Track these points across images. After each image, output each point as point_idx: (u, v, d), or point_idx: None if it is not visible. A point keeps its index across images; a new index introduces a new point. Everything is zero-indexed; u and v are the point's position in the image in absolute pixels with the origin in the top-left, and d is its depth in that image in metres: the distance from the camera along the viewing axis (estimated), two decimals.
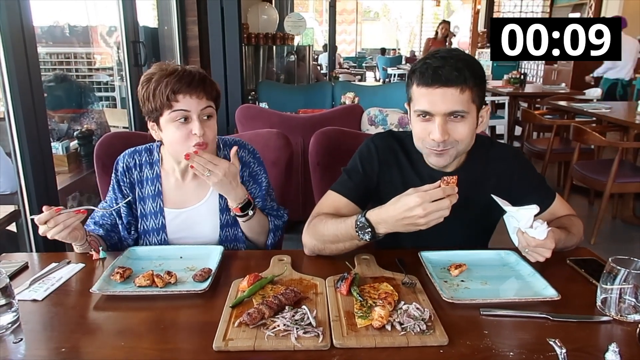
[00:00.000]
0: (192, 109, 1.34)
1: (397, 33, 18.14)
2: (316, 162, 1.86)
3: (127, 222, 1.50)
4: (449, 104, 1.21)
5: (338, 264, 1.30)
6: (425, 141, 1.28)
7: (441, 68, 1.20)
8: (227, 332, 0.98)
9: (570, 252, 1.39)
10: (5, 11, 1.62)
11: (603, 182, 3.41)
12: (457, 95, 1.21)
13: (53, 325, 1.06)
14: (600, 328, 1.03)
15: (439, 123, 1.22)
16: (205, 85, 1.36)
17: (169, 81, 1.31)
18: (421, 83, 1.23)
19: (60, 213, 1.22)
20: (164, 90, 1.31)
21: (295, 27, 5.92)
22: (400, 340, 0.96)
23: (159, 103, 1.33)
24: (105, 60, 4.81)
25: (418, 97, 1.25)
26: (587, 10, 9.00)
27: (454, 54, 1.24)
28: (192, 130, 1.34)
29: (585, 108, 4.49)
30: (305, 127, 3.00)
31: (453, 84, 1.20)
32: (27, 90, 1.71)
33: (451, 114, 1.22)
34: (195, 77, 1.34)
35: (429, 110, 1.23)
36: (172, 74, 1.33)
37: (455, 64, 1.21)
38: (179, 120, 1.34)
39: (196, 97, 1.34)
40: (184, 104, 1.33)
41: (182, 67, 1.37)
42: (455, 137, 1.25)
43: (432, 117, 1.24)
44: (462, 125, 1.24)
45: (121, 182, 1.50)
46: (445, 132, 1.23)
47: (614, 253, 1.10)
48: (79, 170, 2.52)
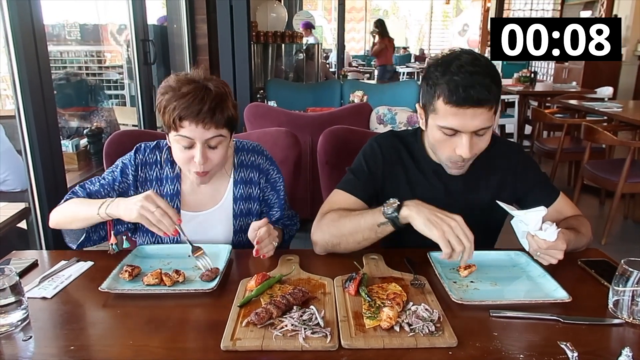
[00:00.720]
0: (197, 138, 1.29)
1: (406, 31, 18.04)
2: (324, 161, 1.85)
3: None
4: (479, 123, 1.21)
5: (346, 263, 1.29)
6: (450, 156, 1.29)
7: (472, 88, 1.18)
8: (235, 332, 0.97)
9: (580, 253, 1.38)
10: (16, 10, 1.63)
11: (614, 181, 3.37)
12: (487, 113, 1.21)
13: (62, 323, 1.06)
14: (613, 331, 1.02)
15: (467, 141, 1.23)
16: (214, 115, 1.27)
17: (177, 105, 1.26)
18: (451, 102, 1.20)
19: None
20: (172, 113, 1.26)
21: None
22: (409, 342, 0.95)
23: (167, 122, 1.30)
24: (115, 59, 4.84)
25: (445, 114, 1.22)
26: (599, 8, 8.89)
27: (479, 68, 1.20)
28: (194, 157, 1.31)
29: (596, 107, 4.44)
30: (313, 126, 3.00)
31: (485, 105, 1.20)
32: (37, 88, 1.72)
33: (479, 131, 1.23)
34: (205, 106, 1.26)
35: (458, 128, 1.22)
36: (184, 97, 1.26)
37: (484, 80, 1.19)
38: (183, 145, 1.31)
39: (202, 127, 1.27)
40: (189, 131, 1.28)
41: (198, 88, 1.28)
42: (477, 150, 1.27)
43: (459, 134, 1.24)
44: (485, 137, 1.26)
45: (132, 170, 1.43)
46: (472, 147, 1.24)
47: (625, 254, 1.09)
48: (89, 168, 2.54)
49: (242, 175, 1.50)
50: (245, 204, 1.50)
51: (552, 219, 1.26)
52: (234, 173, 1.50)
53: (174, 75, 1.34)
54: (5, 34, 1.65)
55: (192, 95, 1.26)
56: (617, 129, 4.21)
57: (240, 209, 1.49)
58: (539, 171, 1.48)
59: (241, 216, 1.50)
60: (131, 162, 1.45)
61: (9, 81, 1.74)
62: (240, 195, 1.50)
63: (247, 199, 1.50)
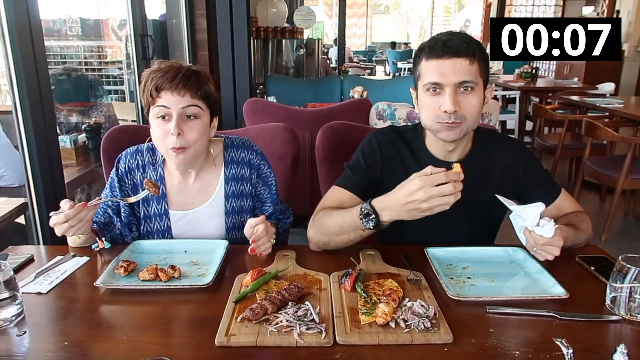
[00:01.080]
0: (172, 106, 1.29)
1: (408, 27, 17.98)
2: (323, 156, 1.85)
3: (128, 222, 1.47)
4: (460, 74, 1.22)
5: (343, 259, 1.29)
6: (436, 116, 1.27)
7: (450, 40, 1.23)
8: (230, 328, 0.97)
9: (579, 249, 1.37)
10: (12, 5, 1.62)
11: (615, 178, 3.36)
12: (467, 66, 1.22)
13: (57, 319, 1.06)
14: (609, 328, 1.01)
15: (450, 93, 1.23)
16: (189, 81, 1.29)
17: (154, 77, 1.29)
18: (431, 56, 1.24)
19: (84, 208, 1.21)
20: (149, 85, 1.29)
21: (305, 21, 5.88)
22: (404, 338, 0.94)
23: (146, 99, 1.32)
24: (115, 54, 4.83)
25: (427, 70, 1.25)
26: (601, 3, 8.85)
27: (460, 32, 1.28)
28: (170, 129, 1.29)
29: (597, 103, 4.42)
30: (313, 121, 2.99)
31: (463, 55, 1.22)
32: (34, 83, 1.72)
33: (461, 84, 1.23)
34: (180, 72, 1.29)
35: (439, 81, 1.23)
36: (161, 70, 1.30)
37: (463, 37, 1.25)
38: (159, 117, 1.31)
39: (177, 93, 1.29)
40: (165, 100, 1.29)
41: (177, 64, 1.33)
42: (464, 110, 1.25)
43: (443, 89, 1.24)
44: (471, 97, 1.25)
45: (122, 182, 1.46)
46: (456, 102, 1.23)
47: (626, 250, 1.08)
48: (87, 164, 2.54)
49: (234, 172, 1.48)
50: (238, 201, 1.49)
51: (553, 217, 1.25)
52: (224, 170, 1.48)
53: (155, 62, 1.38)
54: (1, 29, 1.64)
55: (168, 67, 1.32)
56: (618, 125, 4.19)
57: (233, 206, 1.48)
58: (541, 169, 1.47)
59: (234, 213, 1.49)
60: (114, 176, 1.47)
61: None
62: (232, 192, 1.48)
63: (239, 195, 1.49)
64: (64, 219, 1.20)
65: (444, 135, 1.30)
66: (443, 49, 1.23)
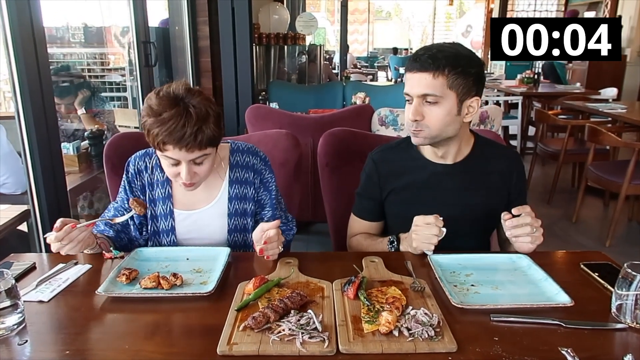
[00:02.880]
0: (182, 158, 1.31)
1: (409, 32, 18.01)
2: (325, 163, 1.84)
3: (139, 223, 1.52)
4: (422, 87, 1.33)
5: (346, 267, 1.28)
6: (408, 122, 1.39)
7: (421, 56, 1.33)
8: (232, 336, 0.96)
9: (583, 256, 1.36)
10: (16, 12, 1.63)
11: (619, 183, 3.34)
12: (430, 80, 1.31)
13: (58, 327, 1.06)
14: (615, 336, 1.00)
15: (414, 104, 1.35)
16: (196, 139, 1.27)
17: (159, 132, 1.26)
18: (407, 69, 1.38)
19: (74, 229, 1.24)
20: (155, 138, 1.28)
21: (307, 27, 5.90)
22: (408, 347, 0.94)
23: (152, 143, 1.32)
24: (118, 61, 4.84)
25: (405, 82, 1.39)
26: (603, 8, 8.85)
27: (442, 46, 1.36)
28: (180, 174, 1.34)
29: (600, 108, 4.41)
30: (315, 128, 2.98)
31: (426, 69, 1.32)
32: (37, 90, 1.72)
33: (423, 96, 1.33)
34: (186, 132, 1.26)
35: (408, 92, 1.36)
36: (165, 124, 1.25)
37: (435, 53, 1.32)
38: (170, 162, 1.33)
39: (185, 150, 1.28)
40: (173, 154, 1.30)
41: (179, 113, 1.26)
42: (427, 120, 1.35)
43: (412, 100, 1.36)
44: (435, 109, 1.34)
45: (132, 183, 1.51)
46: (417, 113, 1.34)
47: (630, 256, 1.07)
48: (90, 170, 2.54)
49: (238, 176, 1.52)
50: (241, 204, 1.52)
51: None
52: (229, 173, 1.51)
53: (154, 93, 1.32)
54: (5, 36, 1.64)
55: (173, 121, 1.26)
56: (621, 130, 4.18)
57: (235, 208, 1.51)
58: (525, 182, 1.58)
59: (236, 216, 1.51)
60: (124, 180, 1.51)
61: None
62: (236, 195, 1.51)
63: (242, 198, 1.52)
64: (55, 240, 1.23)
65: (413, 141, 1.42)
66: (412, 65, 1.35)
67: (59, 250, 1.25)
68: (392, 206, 1.54)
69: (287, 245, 1.59)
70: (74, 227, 1.24)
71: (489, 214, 1.47)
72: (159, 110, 1.27)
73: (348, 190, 1.87)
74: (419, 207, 1.38)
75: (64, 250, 1.25)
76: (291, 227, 1.60)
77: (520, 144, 6.06)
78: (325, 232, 1.96)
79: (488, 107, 3.22)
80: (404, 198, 1.51)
